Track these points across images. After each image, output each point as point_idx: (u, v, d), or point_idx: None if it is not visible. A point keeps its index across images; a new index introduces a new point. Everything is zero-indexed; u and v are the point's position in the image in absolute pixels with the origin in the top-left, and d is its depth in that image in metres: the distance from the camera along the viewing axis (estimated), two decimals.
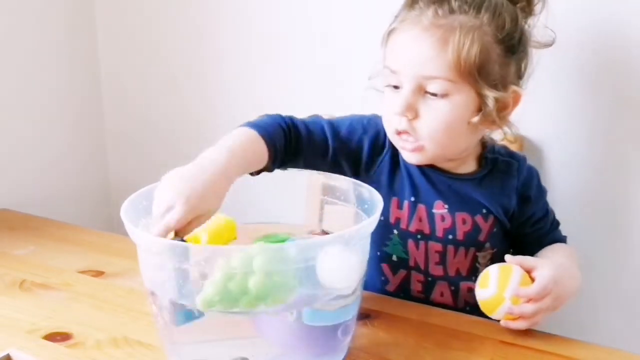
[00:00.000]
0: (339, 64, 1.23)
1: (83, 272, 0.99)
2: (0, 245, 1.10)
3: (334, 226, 0.87)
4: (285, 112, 0.90)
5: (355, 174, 0.90)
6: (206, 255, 0.67)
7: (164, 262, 0.69)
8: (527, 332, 0.84)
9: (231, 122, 1.36)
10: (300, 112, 1.04)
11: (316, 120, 0.90)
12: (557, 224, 0.97)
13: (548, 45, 0.91)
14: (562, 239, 0.97)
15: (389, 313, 0.87)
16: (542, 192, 0.96)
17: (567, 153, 1.08)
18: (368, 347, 0.80)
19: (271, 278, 0.64)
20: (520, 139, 1.06)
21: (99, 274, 0.99)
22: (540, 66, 0.90)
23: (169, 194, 0.69)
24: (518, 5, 0.85)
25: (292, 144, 0.85)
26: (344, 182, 0.85)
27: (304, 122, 0.88)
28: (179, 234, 0.69)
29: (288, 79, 1.29)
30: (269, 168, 0.81)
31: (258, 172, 0.81)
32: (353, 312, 0.74)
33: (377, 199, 0.77)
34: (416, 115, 0.83)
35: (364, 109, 0.95)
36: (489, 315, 0.82)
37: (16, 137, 1.33)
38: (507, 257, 0.82)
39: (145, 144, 1.50)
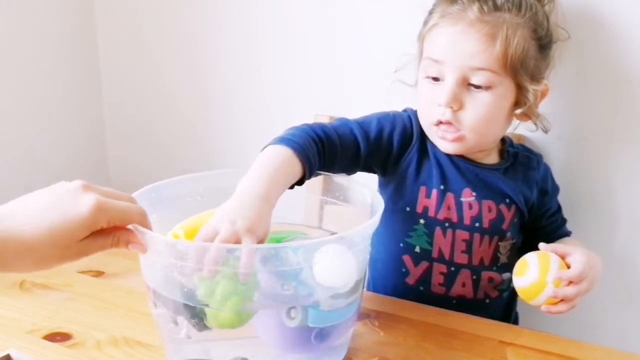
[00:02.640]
0: (339, 65, 1.23)
1: (83, 272, 0.99)
2: None
3: (334, 226, 0.87)
4: (286, 114, 0.91)
5: (384, 168, 0.93)
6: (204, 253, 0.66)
7: (165, 261, 0.69)
8: (528, 333, 0.85)
9: (230, 123, 1.37)
10: (302, 113, 1.04)
11: (344, 123, 0.91)
12: (565, 220, 1.02)
13: (557, 41, 0.95)
14: (569, 234, 1.01)
15: (389, 313, 0.88)
16: (556, 187, 1.01)
17: (567, 153, 1.08)
18: (368, 347, 0.80)
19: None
20: (521, 138, 1.06)
21: (99, 274, 0.99)
22: None
23: (228, 230, 0.67)
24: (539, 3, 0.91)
25: (326, 154, 0.85)
26: (343, 182, 0.85)
27: (333, 128, 0.88)
28: None
29: (289, 80, 1.28)
30: (302, 181, 0.81)
31: (292, 187, 0.80)
32: (354, 309, 0.75)
33: (377, 200, 0.77)
34: (461, 106, 0.87)
35: (369, 108, 0.95)
36: (529, 302, 0.83)
37: (16, 138, 1.33)
38: (542, 245, 0.85)
39: (146, 144, 1.50)
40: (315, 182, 0.89)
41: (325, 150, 0.84)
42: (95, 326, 0.84)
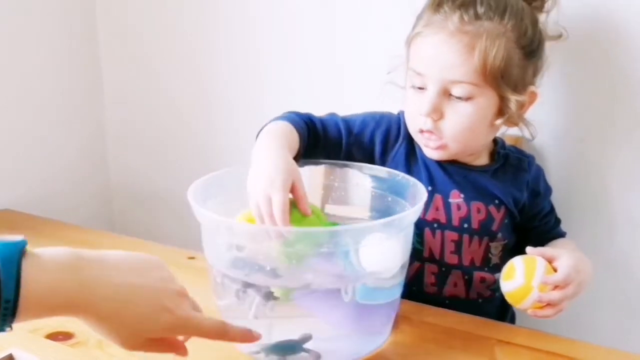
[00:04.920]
0: (339, 66, 1.23)
1: None
2: None
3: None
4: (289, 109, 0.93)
5: (370, 163, 0.94)
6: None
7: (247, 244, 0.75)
8: (526, 332, 0.85)
9: (230, 126, 1.38)
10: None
11: (331, 117, 0.95)
12: (559, 220, 1.02)
13: (557, 37, 0.95)
14: (564, 235, 1.01)
15: None
16: (548, 188, 1.01)
17: (565, 154, 1.09)
18: None
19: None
20: (519, 140, 1.06)
21: None
22: None
23: (258, 192, 0.73)
24: (532, 4, 0.90)
25: (311, 139, 0.89)
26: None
27: (320, 119, 0.93)
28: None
29: (289, 83, 1.29)
30: (296, 157, 0.85)
31: None
32: (400, 290, 0.80)
33: (420, 188, 0.80)
34: (441, 116, 0.87)
35: (368, 110, 0.97)
36: (516, 306, 0.84)
37: (17, 138, 1.33)
38: (529, 248, 0.85)
39: (146, 145, 1.50)
40: (317, 181, 0.90)
41: (311, 136, 0.89)
42: None
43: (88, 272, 0.57)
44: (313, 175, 0.96)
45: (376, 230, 0.72)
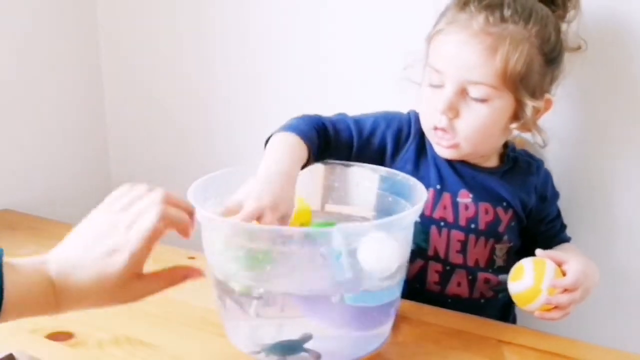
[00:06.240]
0: (339, 72, 1.23)
1: None
2: (2, 245, 1.09)
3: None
4: (284, 119, 0.93)
5: (381, 163, 0.94)
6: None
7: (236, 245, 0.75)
8: (527, 332, 0.85)
9: (229, 124, 1.38)
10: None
11: (342, 118, 0.95)
12: (565, 226, 1.02)
13: (576, 49, 0.95)
14: (568, 240, 1.01)
15: None
16: (556, 193, 1.01)
17: (567, 156, 1.08)
18: None
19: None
20: (521, 142, 1.06)
21: None
22: None
23: (253, 205, 0.73)
24: (555, 13, 0.90)
25: (322, 143, 0.89)
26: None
27: (331, 121, 0.93)
28: None
29: (288, 87, 1.29)
30: (305, 165, 0.86)
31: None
32: (397, 293, 0.79)
33: (420, 188, 0.80)
34: (457, 115, 0.87)
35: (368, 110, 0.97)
36: (523, 308, 0.84)
37: (17, 138, 1.33)
38: (538, 251, 0.85)
39: (147, 144, 1.50)
40: (317, 183, 0.91)
41: (322, 141, 0.89)
42: (97, 325, 0.84)
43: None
44: (313, 175, 0.97)
45: (370, 231, 0.72)
